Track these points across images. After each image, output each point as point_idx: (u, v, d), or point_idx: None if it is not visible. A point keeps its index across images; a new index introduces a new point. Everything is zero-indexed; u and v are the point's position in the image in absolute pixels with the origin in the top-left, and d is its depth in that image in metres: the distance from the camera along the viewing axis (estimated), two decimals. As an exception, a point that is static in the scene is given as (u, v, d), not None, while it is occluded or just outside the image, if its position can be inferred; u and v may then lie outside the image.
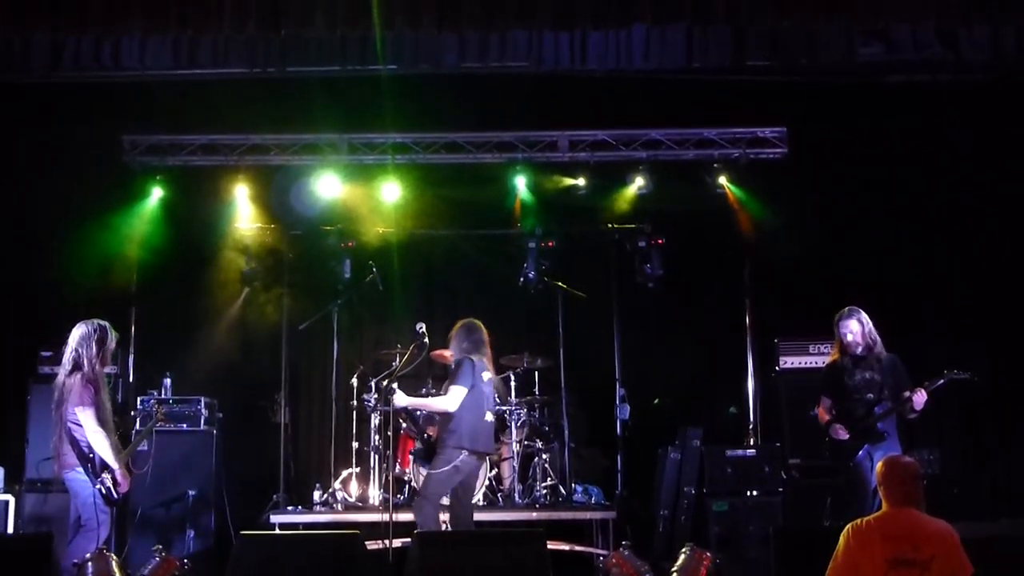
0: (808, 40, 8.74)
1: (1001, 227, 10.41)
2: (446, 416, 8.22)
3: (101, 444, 7.56)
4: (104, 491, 7.56)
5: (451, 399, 8.16)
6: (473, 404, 8.22)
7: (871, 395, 8.32)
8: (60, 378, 7.72)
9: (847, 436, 8.27)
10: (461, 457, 8.15)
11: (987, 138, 10.16)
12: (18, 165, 10.65)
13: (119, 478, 7.65)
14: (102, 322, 7.88)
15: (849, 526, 5.66)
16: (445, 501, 8.45)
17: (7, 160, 10.58)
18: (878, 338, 8.42)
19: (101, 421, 7.58)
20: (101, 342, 7.77)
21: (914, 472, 5.71)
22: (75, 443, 7.60)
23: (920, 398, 8.06)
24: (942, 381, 8.11)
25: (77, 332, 7.76)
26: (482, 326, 8.57)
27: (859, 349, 8.40)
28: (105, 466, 7.59)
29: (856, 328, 8.40)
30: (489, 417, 8.33)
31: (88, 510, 7.55)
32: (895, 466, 5.79)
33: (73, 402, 7.57)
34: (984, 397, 10.36)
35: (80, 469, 7.56)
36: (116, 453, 7.64)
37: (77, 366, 7.67)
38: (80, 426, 7.56)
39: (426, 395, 8.99)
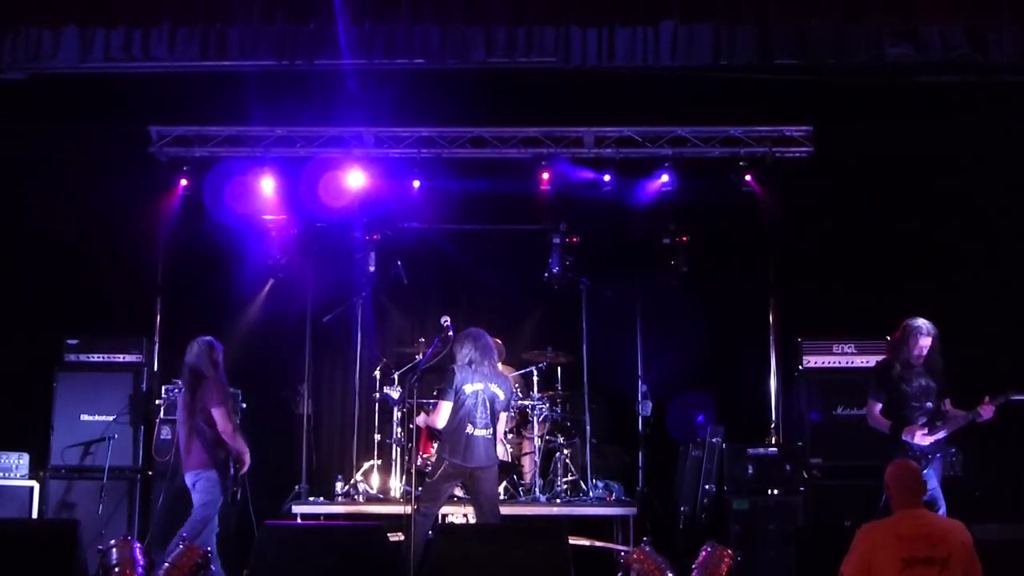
0: (836, 40, 8.72)
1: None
2: None
3: (230, 433, 8.37)
4: (231, 492, 8.50)
5: (437, 414, 8.40)
6: (452, 416, 8.31)
7: (930, 403, 8.26)
8: (185, 388, 8.56)
9: (932, 439, 8.16)
10: (443, 467, 8.27)
11: (1015, 139, 10.10)
12: (47, 155, 10.74)
13: (246, 461, 8.53)
14: (210, 337, 8.76)
15: (865, 525, 5.71)
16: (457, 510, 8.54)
17: (35, 150, 10.67)
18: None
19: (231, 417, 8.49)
20: (213, 352, 8.61)
21: (919, 474, 5.81)
22: (206, 444, 8.34)
23: (988, 412, 8.06)
24: (1001, 400, 8.09)
25: (193, 350, 8.59)
26: (481, 335, 8.59)
27: (918, 349, 8.27)
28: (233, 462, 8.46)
29: (927, 344, 8.28)
30: (471, 430, 8.27)
31: (208, 508, 8.30)
32: (905, 469, 5.88)
33: (211, 403, 8.35)
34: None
35: (213, 471, 8.35)
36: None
37: (202, 375, 8.47)
38: (211, 428, 8.34)
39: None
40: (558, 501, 9.98)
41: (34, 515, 9.77)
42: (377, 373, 10.65)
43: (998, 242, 10.62)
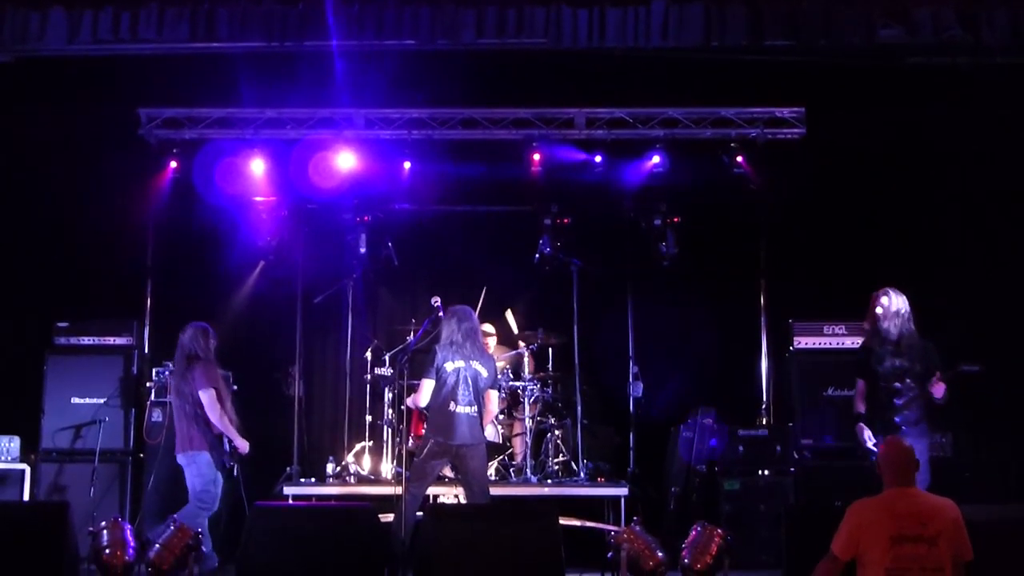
0: (827, 21, 8.73)
1: (1020, 210, 10.36)
2: None
3: (216, 417, 8.49)
4: (229, 465, 8.65)
5: (419, 393, 8.50)
6: (435, 394, 8.39)
7: (898, 384, 8.23)
8: (179, 372, 8.70)
9: (871, 445, 8.14)
10: (428, 445, 8.33)
11: (1006, 121, 10.10)
12: (35, 138, 10.69)
13: (239, 446, 8.67)
14: (204, 323, 8.92)
15: (854, 504, 5.73)
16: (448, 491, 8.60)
17: (24, 134, 10.62)
18: (911, 324, 8.33)
19: (220, 401, 8.56)
20: (206, 337, 8.77)
21: (912, 454, 5.81)
22: (199, 426, 8.49)
23: (939, 391, 8.02)
24: (951, 374, 8.05)
25: (187, 333, 8.75)
26: (467, 314, 8.63)
27: (886, 323, 8.24)
28: (225, 441, 8.60)
29: (885, 303, 8.24)
30: (454, 407, 8.31)
31: (208, 489, 8.46)
32: (896, 448, 5.88)
33: (198, 386, 8.49)
34: (997, 381, 10.35)
35: (206, 453, 8.49)
36: (234, 426, 8.66)
37: (195, 357, 8.62)
38: (203, 410, 8.51)
39: None
40: (549, 482, 9.99)
41: (25, 498, 9.77)
42: (368, 354, 10.64)
43: (989, 223, 10.62)
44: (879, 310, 8.31)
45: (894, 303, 8.29)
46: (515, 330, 10.99)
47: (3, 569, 7.02)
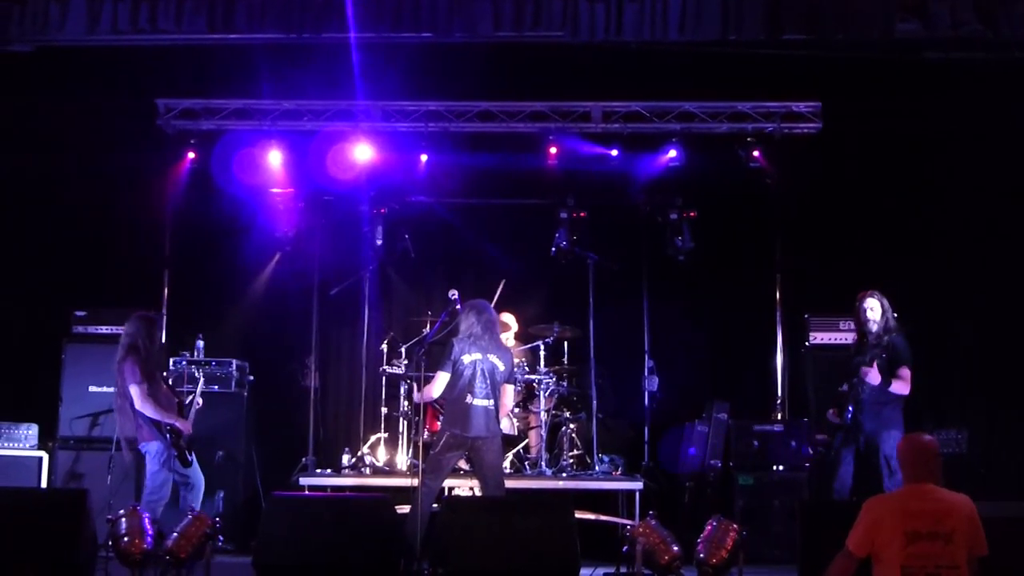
0: (844, 15, 8.69)
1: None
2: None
3: (150, 410, 8.44)
4: (177, 453, 8.50)
5: (432, 385, 8.44)
6: (452, 387, 8.37)
7: (856, 379, 8.53)
8: (117, 363, 8.60)
9: (836, 421, 8.68)
10: (445, 438, 8.33)
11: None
12: (54, 128, 10.75)
13: (180, 427, 8.54)
14: (150, 313, 8.98)
15: (869, 500, 5.73)
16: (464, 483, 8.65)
17: (44, 123, 10.68)
18: (883, 321, 8.61)
19: (150, 394, 8.48)
20: (151, 327, 8.73)
21: (933, 449, 5.76)
22: (144, 416, 8.46)
23: (869, 377, 8.37)
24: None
25: (133, 324, 8.69)
26: (485, 307, 8.63)
27: (875, 327, 8.55)
28: (169, 430, 8.50)
29: (875, 305, 8.62)
30: (471, 400, 8.31)
31: (153, 479, 8.48)
32: (914, 443, 5.84)
33: (128, 381, 8.46)
34: (1012, 378, 10.33)
35: (155, 442, 8.49)
36: (168, 412, 8.54)
37: (133, 348, 8.54)
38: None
39: None
40: (564, 475, 9.98)
41: (43, 485, 9.83)
42: (384, 346, 10.66)
43: (1007, 219, 10.58)
44: (862, 306, 8.72)
45: (867, 302, 8.67)
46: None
47: (22, 556, 7.05)
